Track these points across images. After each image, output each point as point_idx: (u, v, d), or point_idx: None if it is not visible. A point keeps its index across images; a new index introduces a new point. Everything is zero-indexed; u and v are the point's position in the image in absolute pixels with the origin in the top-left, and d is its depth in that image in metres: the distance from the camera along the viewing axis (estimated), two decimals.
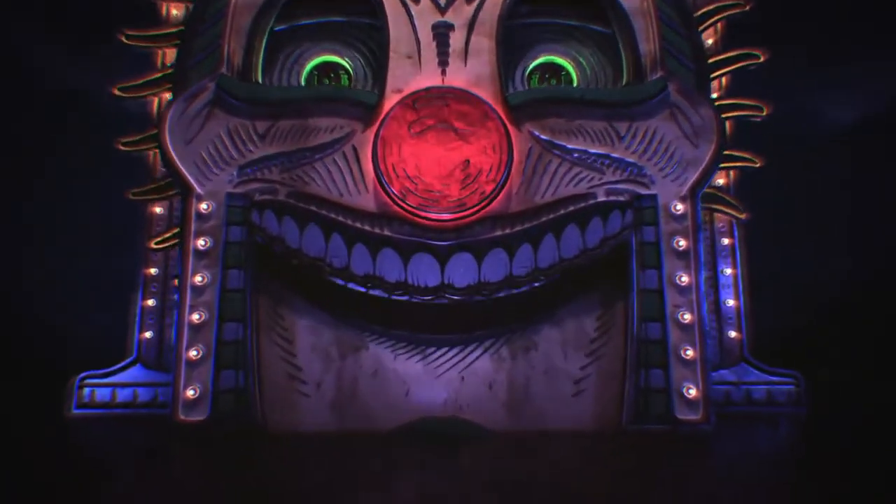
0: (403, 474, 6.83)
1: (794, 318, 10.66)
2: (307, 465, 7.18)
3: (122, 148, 9.41)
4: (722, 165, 9.44)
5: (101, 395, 10.24)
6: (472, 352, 8.96)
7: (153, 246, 9.82)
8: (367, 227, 8.64)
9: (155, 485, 6.17)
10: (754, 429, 9.25)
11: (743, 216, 9.65)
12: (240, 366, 8.44)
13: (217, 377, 8.37)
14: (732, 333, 10.38)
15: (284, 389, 8.71)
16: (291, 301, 9.06)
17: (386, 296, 8.63)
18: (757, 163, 9.61)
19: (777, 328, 10.51)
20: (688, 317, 8.66)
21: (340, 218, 8.65)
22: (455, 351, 8.96)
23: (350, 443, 8.01)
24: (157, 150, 9.24)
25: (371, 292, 8.67)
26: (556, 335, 8.97)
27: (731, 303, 10.55)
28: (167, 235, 9.50)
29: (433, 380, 8.87)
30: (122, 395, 10.28)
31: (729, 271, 10.50)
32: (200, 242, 8.71)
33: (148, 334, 10.41)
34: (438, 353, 8.97)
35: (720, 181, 9.97)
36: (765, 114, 9.46)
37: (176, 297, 8.92)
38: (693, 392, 8.50)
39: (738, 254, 10.42)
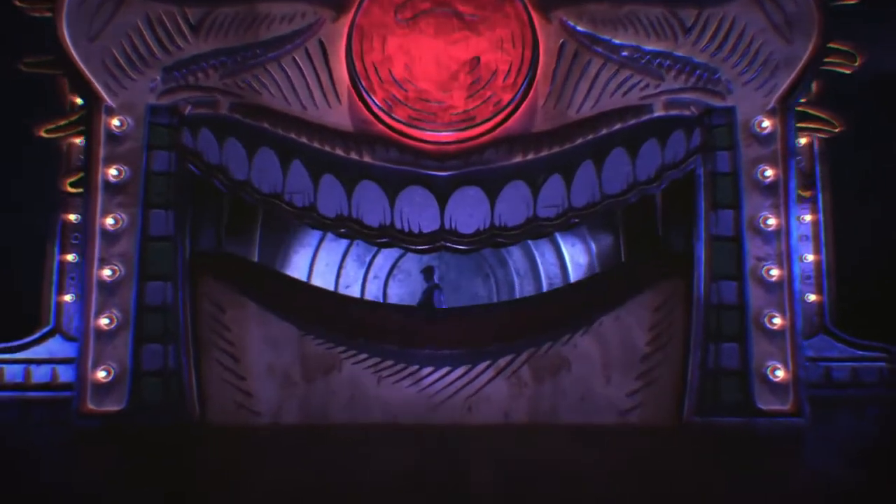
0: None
1: (887, 281, 8.41)
2: (259, 472, 5.05)
3: (25, 69, 7.02)
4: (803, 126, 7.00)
5: (12, 373, 8.17)
6: (481, 373, 6.48)
7: (69, 188, 7.57)
8: (339, 152, 6.29)
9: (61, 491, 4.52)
10: (835, 417, 7.11)
11: (837, 129, 7.25)
12: (168, 339, 6.21)
13: (138, 354, 6.18)
14: (812, 297, 8.16)
15: (233, 414, 6.39)
16: (239, 306, 6.51)
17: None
18: (836, 127, 7.29)
19: (866, 292, 8.29)
20: (775, 272, 6.35)
21: (303, 139, 6.29)
22: (459, 372, 6.48)
23: (321, 438, 5.90)
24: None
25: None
26: (594, 351, 6.53)
27: (810, 258, 8.29)
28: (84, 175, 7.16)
29: (429, 410, 6.44)
30: (38, 374, 8.22)
31: (808, 218, 8.23)
32: (112, 173, 6.33)
33: (68, 297, 8.27)
34: (437, 374, 6.50)
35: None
36: (857, 64, 6.92)
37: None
38: (780, 374, 6.27)
39: (819, 196, 8.16)
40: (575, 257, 9.07)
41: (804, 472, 5.33)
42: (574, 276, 9.04)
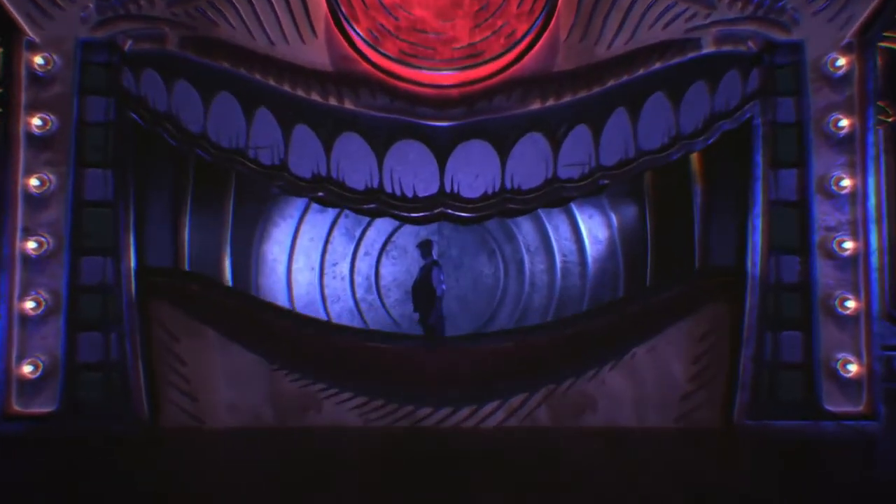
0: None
1: None
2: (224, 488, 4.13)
3: None
4: None
5: None
6: (490, 414, 5.33)
7: None
8: (315, 97, 5.07)
9: None
10: None
11: None
12: (109, 326, 5.10)
13: (72, 344, 5.08)
14: None
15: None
16: (196, 334, 5.31)
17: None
18: None
19: None
20: (848, 245, 5.16)
21: (271, 81, 5.09)
22: (464, 413, 5.35)
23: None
24: None
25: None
26: (625, 388, 5.39)
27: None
28: None
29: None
30: None
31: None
32: (36, 123, 5.11)
33: None
34: (436, 416, 5.37)
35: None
36: None
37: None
38: (853, 368, 5.12)
39: (882, 157, 6.97)
40: (593, 231, 7.90)
41: (879, 486, 4.32)
42: (592, 252, 7.88)
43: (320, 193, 5.11)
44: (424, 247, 6.87)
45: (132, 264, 5.15)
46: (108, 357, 5.09)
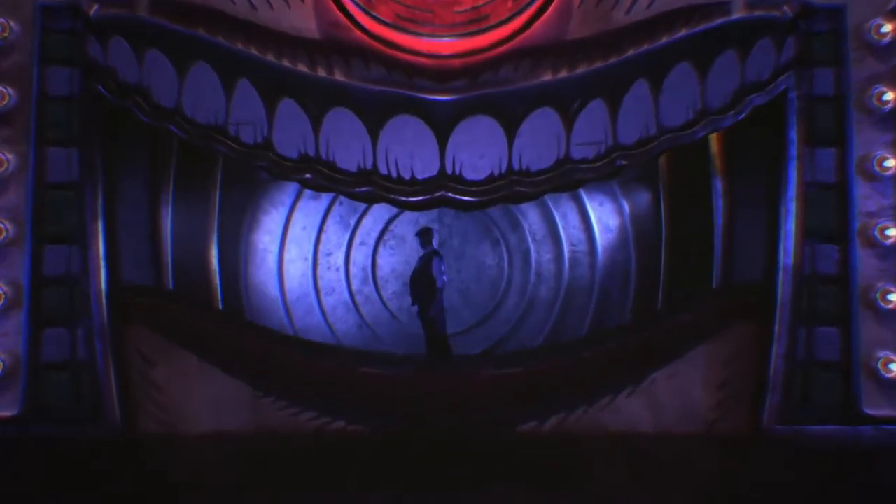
0: None
1: None
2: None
3: None
4: None
5: None
6: None
7: None
8: (301, 68, 4.52)
9: None
10: None
11: None
12: (76, 322, 4.65)
13: (35, 341, 4.59)
14: None
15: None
16: (174, 359, 4.85)
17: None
18: None
19: None
20: (892, 232, 4.63)
21: (253, 51, 4.53)
22: None
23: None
24: None
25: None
26: (643, 416, 4.90)
27: None
28: None
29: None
30: None
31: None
32: None
33: None
34: None
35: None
36: None
37: None
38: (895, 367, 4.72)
39: None
40: (603, 219, 7.39)
41: None
42: (602, 241, 7.38)
43: (307, 175, 4.60)
44: (424, 235, 6.35)
45: (101, 252, 4.66)
46: (75, 356, 4.61)
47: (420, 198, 4.61)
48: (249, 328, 5.31)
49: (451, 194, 4.61)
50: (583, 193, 7.45)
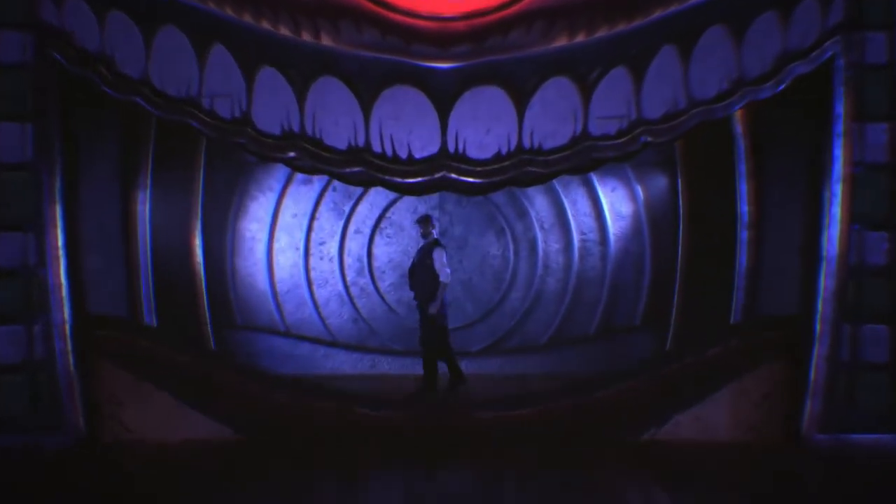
0: None
1: None
2: None
3: None
4: None
5: None
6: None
7: None
8: (285, 32, 3.94)
9: None
10: None
11: None
12: (33, 318, 4.09)
13: None
14: None
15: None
16: (147, 399, 4.27)
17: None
18: None
19: None
20: None
21: (228, 12, 3.92)
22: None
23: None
24: None
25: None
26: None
27: None
28: None
29: None
30: None
31: None
32: None
33: None
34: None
35: None
36: None
37: None
38: None
39: None
40: (616, 206, 6.83)
41: None
42: (614, 230, 6.83)
43: (291, 154, 4.04)
44: (424, 223, 5.72)
45: (60, 240, 4.07)
46: (31, 355, 4.08)
47: (418, 179, 4.03)
48: (230, 365, 4.71)
49: (453, 175, 4.04)
50: (594, 178, 6.89)
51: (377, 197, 6.80)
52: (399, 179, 4.03)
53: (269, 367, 6.63)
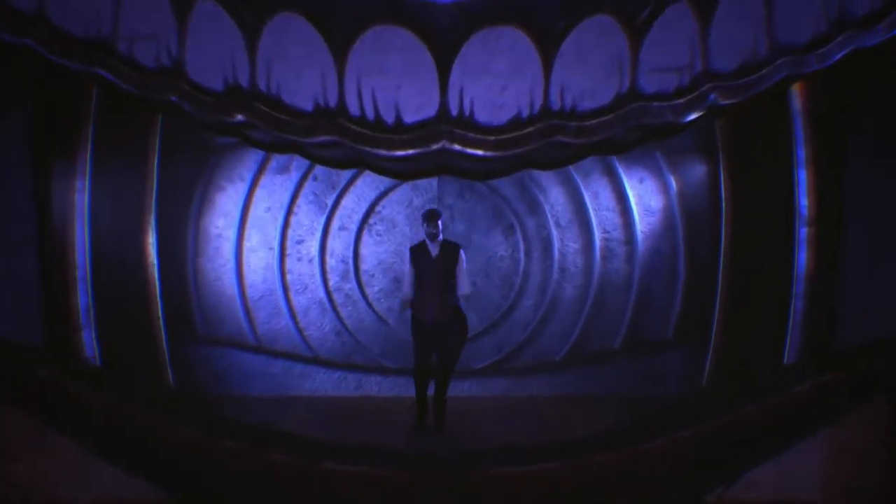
0: None
1: None
2: None
3: None
4: None
5: None
6: None
7: None
8: None
9: None
10: None
11: None
12: None
13: None
14: None
15: None
16: (52, 452, 3.05)
17: None
18: None
19: None
20: None
21: None
22: None
23: None
24: None
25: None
26: None
27: None
28: None
29: None
30: None
31: None
32: None
33: None
34: None
35: None
36: None
37: None
38: None
39: None
40: (644, 199, 5.76)
41: None
42: (642, 227, 5.76)
43: (238, 117, 2.96)
44: (431, 219, 4.50)
45: None
46: None
47: (409, 152, 2.94)
48: (158, 406, 3.50)
49: (456, 147, 2.97)
50: (618, 166, 5.82)
51: (365, 188, 5.72)
52: (383, 152, 2.95)
53: (237, 386, 5.66)
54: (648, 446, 3.19)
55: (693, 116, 2.96)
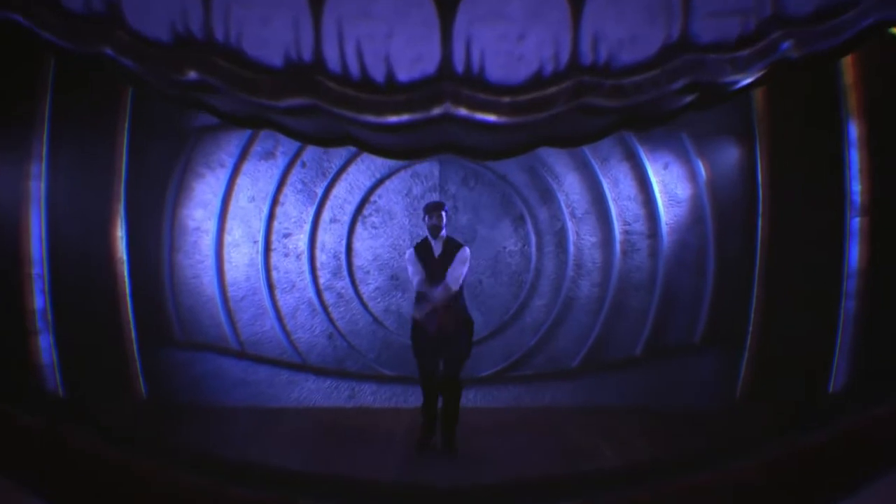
0: None
1: None
2: None
3: None
4: None
5: None
6: None
7: None
8: None
9: None
10: None
11: None
12: None
13: None
14: None
15: None
16: None
17: None
18: None
19: None
20: None
21: None
22: None
23: None
24: None
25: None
26: None
27: None
28: None
29: None
30: None
31: None
32: None
33: None
34: None
35: None
36: None
37: None
38: None
39: None
40: (670, 187, 5.16)
41: None
42: (668, 219, 5.15)
43: (191, 75, 2.36)
44: (435, 212, 3.88)
45: None
46: None
47: (402, 118, 2.34)
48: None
49: (461, 111, 2.36)
50: (640, 150, 5.24)
51: (359, 175, 5.14)
52: (371, 118, 2.35)
53: (217, 396, 5.08)
54: (698, 479, 2.60)
55: (758, 73, 2.36)
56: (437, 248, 3.94)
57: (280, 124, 2.62)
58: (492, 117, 2.33)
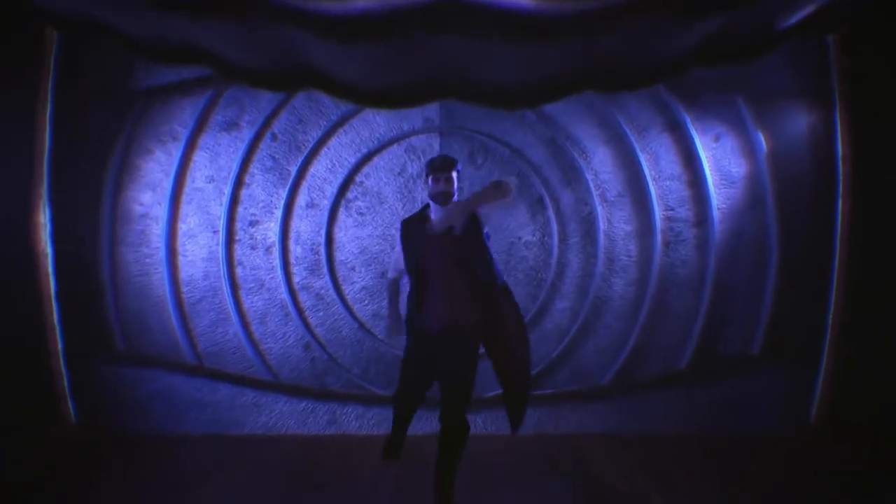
0: None
1: None
2: None
3: None
4: None
5: None
6: None
7: None
8: None
9: None
10: None
11: None
12: None
13: None
14: None
15: None
16: None
17: None
18: None
19: None
20: None
21: None
22: None
23: None
24: None
25: None
26: None
27: None
28: None
29: None
30: None
31: None
32: None
33: None
34: None
35: None
36: None
37: None
38: None
39: None
40: (722, 163, 4.19)
41: None
42: (719, 202, 4.16)
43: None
44: (440, 169, 2.84)
45: None
46: None
47: (373, 3, 1.50)
48: None
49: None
50: (686, 118, 4.27)
51: (341, 149, 4.20)
52: (329, 6, 1.46)
53: (167, 421, 4.12)
54: None
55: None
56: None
57: (214, 54, 1.71)
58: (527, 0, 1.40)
